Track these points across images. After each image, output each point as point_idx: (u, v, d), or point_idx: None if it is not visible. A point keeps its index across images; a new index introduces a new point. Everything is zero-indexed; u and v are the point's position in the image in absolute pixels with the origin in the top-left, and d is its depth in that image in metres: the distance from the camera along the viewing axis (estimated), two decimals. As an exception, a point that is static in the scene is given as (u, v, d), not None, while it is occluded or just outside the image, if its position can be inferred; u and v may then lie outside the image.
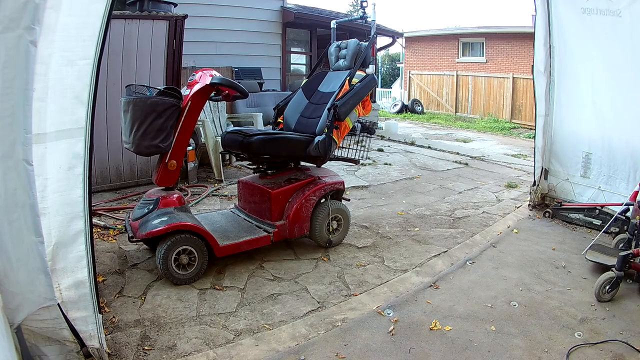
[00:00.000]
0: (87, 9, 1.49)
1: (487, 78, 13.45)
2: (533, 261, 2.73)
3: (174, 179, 2.41)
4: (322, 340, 1.88)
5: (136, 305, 2.09)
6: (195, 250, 2.29)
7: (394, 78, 23.29)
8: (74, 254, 1.56)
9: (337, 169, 4.75)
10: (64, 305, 1.51)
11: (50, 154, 1.52)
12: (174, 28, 4.02)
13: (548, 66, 3.54)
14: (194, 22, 4.93)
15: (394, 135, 8.46)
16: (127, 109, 2.20)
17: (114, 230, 2.98)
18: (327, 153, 2.63)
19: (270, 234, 2.57)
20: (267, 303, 2.16)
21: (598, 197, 3.37)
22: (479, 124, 11.98)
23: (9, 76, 1.21)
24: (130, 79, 3.69)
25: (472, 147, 7.86)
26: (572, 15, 3.31)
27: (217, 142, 4.35)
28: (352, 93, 2.68)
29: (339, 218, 2.84)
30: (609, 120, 3.26)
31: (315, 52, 8.77)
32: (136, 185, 4.07)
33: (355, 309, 2.14)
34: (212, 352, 1.76)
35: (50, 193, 1.53)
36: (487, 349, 1.83)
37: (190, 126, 2.36)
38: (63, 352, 1.49)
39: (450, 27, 20.37)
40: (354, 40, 3.03)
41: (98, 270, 2.30)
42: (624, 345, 1.86)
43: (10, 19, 1.18)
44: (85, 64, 1.50)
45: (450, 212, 3.71)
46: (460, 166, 5.76)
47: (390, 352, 1.80)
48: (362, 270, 2.55)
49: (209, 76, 2.34)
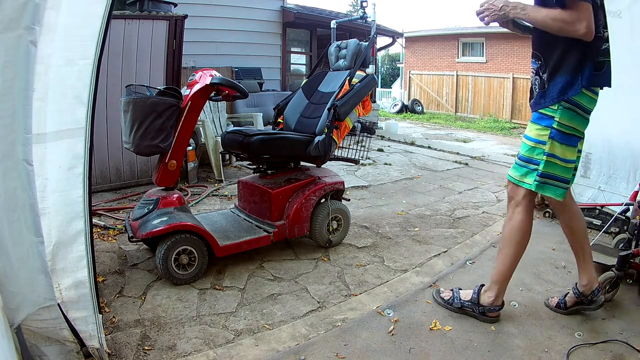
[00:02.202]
0: (87, 9, 1.49)
1: (487, 78, 13.46)
2: (533, 261, 2.73)
3: (174, 179, 2.41)
4: (322, 340, 1.88)
5: (136, 305, 2.09)
6: (195, 250, 2.29)
7: (394, 78, 23.31)
8: (74, 254, 1.56)
9: (337, 169, 4.76)
10: (64, 305, 1.51)
11: (50, 154, 1.52)
12: (174, 28, 4.02)
13: (548, 66, 3.54)
14: (194, 22, 4.93)
15: (394, 135, 8.46)
16: (127, 109, 2.20)
17: (114, 230, 2.98)
18: (327, 153, 2.63)
19: (270, 234, 2.58)
20: (267, 303, 2.16)
21: (598, 197, 3.37)
22: (479, 124, 11.99)
23: (9, 76, 1.21)
24: (130, 79, 3.69)
25: (472, 147, 7.86)
26: (572, 15, 3.31)
27: (217, 142, 4.35)
28: (352, 93, 2.68)
29: (339, 218, 2.84)
30: (609, 120, 3.25)
31: (315, 52, 8.78)
32: (136, 185, 4.07)
33: (355, 309, 2.14)
34: (212, 352, 1.76)
35: (50, 193, 1.53)
36: (487, 349, 1.83)
37: (190, 126, 2.36)
38: (63, 352, 1.49)
39: (450, 27, 20.37)
40: (354, 40, 3.03)
41: (98, 270, 2.30)
42: (624, 345, 1.86)
43: (10, 19, 1.18)
44: (85, 64, 1.50)
45: (450, 212, 3.71)
46: (460, 166, 5.76)
47: (390, 352, 1.80)
48: (362, 270, 2.55)
49: (209, 76, 2.34)
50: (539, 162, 1.83)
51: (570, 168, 1.87)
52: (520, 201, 1.92)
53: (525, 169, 1.88)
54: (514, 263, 2.00)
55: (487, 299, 2.04)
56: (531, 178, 1.85)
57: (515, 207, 1.94)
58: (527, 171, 1.87)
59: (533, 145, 1.85)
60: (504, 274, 2.01)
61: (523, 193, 1.91)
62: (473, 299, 2.07)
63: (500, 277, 2.02)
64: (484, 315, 2.04)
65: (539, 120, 1.83)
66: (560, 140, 1.80)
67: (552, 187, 1.85)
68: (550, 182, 1.84)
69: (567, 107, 1.77)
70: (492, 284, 2.04)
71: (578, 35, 1.65)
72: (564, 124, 1.79)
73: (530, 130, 1.86)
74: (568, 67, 1.76)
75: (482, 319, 2.05)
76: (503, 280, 2.02)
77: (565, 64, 1.76)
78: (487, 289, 2.06)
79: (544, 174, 1.83)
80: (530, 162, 1.86)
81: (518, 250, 1.98)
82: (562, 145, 1.81)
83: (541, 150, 1.82)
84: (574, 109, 1.79)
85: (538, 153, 1.83)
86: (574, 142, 1.85)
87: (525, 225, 1.95)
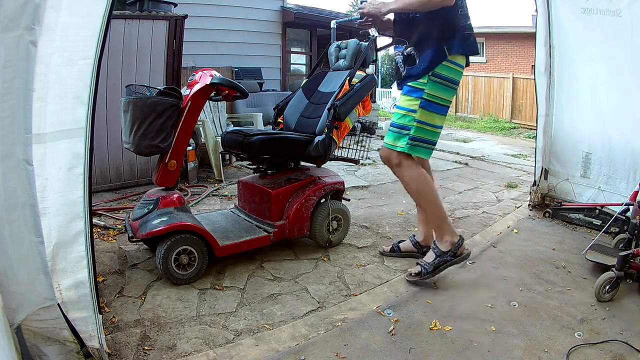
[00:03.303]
0: (87, 9, 1.49)
1: (487, 78, 13.45)
2: (533, 261, 2.73)
3: (174, 179, 2.41)
4: (322, 340, 1.88)
5: (136, 305, 2.09)
6: (195, 250, 2.29)
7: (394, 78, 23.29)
8: (74, 254, 1.56)
9: (337, 169, 4.76)
10: (64, 305, 1.51)
11: (51, 154, 1.52)
12: (174, 28, 4.02)
13: (548, 66, 3.54)
14: (194, 22, 4.93)
15: (394, 135, 8.45)
16: (127, 109, 2.20)
17: (114, 230, 2.98)
18: (327, 153, 2.63)
19: (271, 234, 2.58)
20: (267, 303, 2.16)
21: (598, 197, 3.37)
22: (479, 124, 11.98)
23: (9, 76, 1.21)
24: (130, 79, 3.69)
25: (472, 147, 7.86)
26: (572, 15, 3.31)
27: (217, 142, 4.35)
28: (352, 93, 2.68)
29: (339, 218, 2.84)
30: (609, 120, 3.26)
31: (315, 52, 8.78)
32: (136, 185, 4.07)
33: (355, 309, 2.14)
34: (212, 352, 1.76)
35: (51, 193, 1.53)
36: (487, 349, 1.83)
37: (190, 126, 2.36)
38: (63, 352, 1.49)
39: (450, 27, 20.32)
40: (354, 40, 3.03)
41: (98, 270, 2.30)
42: (624, 345, 1.86)
43: (10, 19, 1.18)
44: (85, 64, 1.50)
45: (450, 212, 3.71)
46: (460, 166, 5.76)
47: (390, 352, 1.80)
48: (362, 270, 2.55)
49: (209, 76, 2.34)
50: (411, 128, 2.12)
51: (439, 132, 2.19)
52: (399, 162, 2.19)
53: (397, 134, 2.15)
54: (439, 204, 2.25)
55: (447, 245, 2.27)
56: (403, 142, 2.14)
57: (397, 168, 2.21)
58: (399, 136, 2.15)
59: (405, 113, 2.13)
60: (440, 219, 2.27)
61: (397, 155, 2.18)
62: (437, 253, 2.28)
63: (439, 223, 2.27)
64: (457, 257, 2.29)
65: (409, 92, 2.12)
66: (429, 109, 2.11)
67: (422, 148, 2.15)
68: (420, 145, 2.14)
69: (435, 80, 2.07)
70: (438, 233, 2.29)
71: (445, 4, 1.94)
72: (432, 94, 2.09)
73: (403, 102, 2.14)
74: (432, 43, 2.04)
75: (458, 260, 2.30)
76: (442, 223, 2.27)
77: (429, 41, 2.04)
78: (438, 240, 2.29)
79: (414, 138, 2.13)
80: (403, 128, 2.14)
81: (432, 194, 2.24)
82: (431, 113, 2.12)
83: (412, 118, 2.11)
84: (441, 81, 2.08)
85: (409, 120, 2.12)
86: (443, 111, 2.16)
87: (417, 174, 2.20)
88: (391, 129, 2.19)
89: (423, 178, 2.21)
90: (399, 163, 2.18)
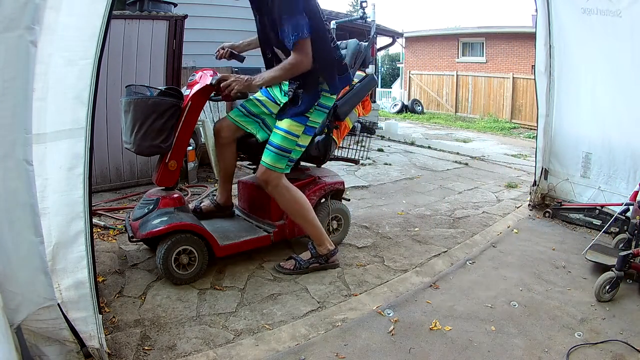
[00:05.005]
0: (87, 9, 1.49)
1: (487, 78, 13.45)
2: (533, 261, 2.73)
3: (174, 179, 2.41)
4: (322, 340, 1.88)
5: (136, 305, 2.09)
6: (196, 250, 2.29)
7: (394, 78, 23.30)
8: (74, 254, 1.56)
9: (337, 169, 4.75)
10: (64, 305, 1.51)
11: (51, 154, 1.51)
12: (174, 28, 4.02)
13: (548, 66, 3.54)
14: (194, 22, 4.92)
15: (394, 135, 8.46)
16: (127, 109, 2.20)
17: (114, 230, 2.98)
18: (327, 153, 2.63)
19: (270, 234, 2.57)
20: (267, 303, 2.16)
21: (598, 197, 3.37)
22: (479, 124, 11.99)
23: (9, 76, 1.21)
24: (130, 79, 3.69)
25: (472, 147, 7.86)
26: (572, 15, 3.31)
27: (217, 142, 4.34)
28: (352, 93, 2.68)
29: (339, 218, 2.84)
30: (609, 121, 3.26)
31: (315, 52, 8.75)
32: (136, 185, 4.06)
33: (355, 309, 2.14)
34: (212, 352, 1.76)
35: (51, 193, 1.53)
36: (487, 349, 1.83)
37: (191, 126, 2.36)
38: (63, 352, 1.49)
39: (450, 27, 20.39)
40: (353, 40, 3.03)
41: (98, 270, 2.30)
42: (624, 345, 1.86)
43: (10, 19, 1.18)
44: (85, 64, 1.49)
45: (450, 212, 3.71)
46: (460, 166, 5.76)
47: (390, 352, 1.80)
48: (362, 270, 2.55)
49: (209, 76, 2.34)
50: (292, 151, 2.26)
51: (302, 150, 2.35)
52: (277, 183, 2.28)
53: (278, 156, 2.25)
54: (315, 217, 2.44)
55: (324, 250, 2.45)
56: (283, 163, 2.27)
57: (275, 188, 2.29)
58: (279, 158, 2.25)
59: (288, 137, 2.23)
60: (319, 229, 2.45)
61: (276, 176, 2.28)
62: (314, 254, 2.46)
63: (319, 233, 2.45)
64: (328, 263, 2.49)
65: (294, 117, 2.24)
66: (309, 133, 2.30)
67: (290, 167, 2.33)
68: (291, 164, 2.32)
69: (319, 109, 2.28)
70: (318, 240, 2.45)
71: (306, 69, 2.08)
72: (314, 121, 2.29)
73: (287, 125, 2.24)
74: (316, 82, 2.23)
75: (328, 266, 2.50)
76: (321, 234, 2.45)
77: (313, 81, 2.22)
78: (317, 245, 2.46)
79: (293, 159, 2.30)
80: (285, 150, 2.25)
81: (310, 210, 2.41)
82: (308, 136, 2.31)
83: (294, 142, 2.25)
84: (322, 109, 2.30)
85: (291, 143, 2.24)
86: (313, 133, 2.35)
87: (293, 194, 2.34)
88: (272, 149, 2.25)
89: (299, 195, 2.37)
90: (278, 184, 2.28)
